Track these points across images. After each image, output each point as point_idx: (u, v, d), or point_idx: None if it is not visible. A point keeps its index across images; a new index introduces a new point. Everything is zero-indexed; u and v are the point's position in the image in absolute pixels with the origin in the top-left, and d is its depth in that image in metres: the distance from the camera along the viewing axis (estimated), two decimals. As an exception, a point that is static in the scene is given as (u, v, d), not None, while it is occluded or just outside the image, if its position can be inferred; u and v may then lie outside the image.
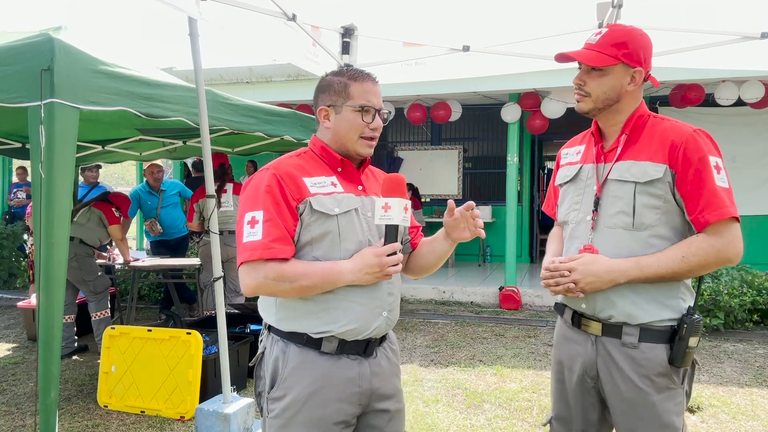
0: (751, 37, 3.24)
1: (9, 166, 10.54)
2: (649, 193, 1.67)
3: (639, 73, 1.73)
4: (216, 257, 3.38)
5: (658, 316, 1.69)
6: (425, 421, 3.69)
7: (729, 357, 5.07)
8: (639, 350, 1.69)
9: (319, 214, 1.58)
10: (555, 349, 1.95)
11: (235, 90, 6.83)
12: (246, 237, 1.54)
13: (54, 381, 2.35)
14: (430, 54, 3.90)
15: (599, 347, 1.76)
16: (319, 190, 1.60)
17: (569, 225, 1.86)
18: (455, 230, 1.72)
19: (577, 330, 1.83)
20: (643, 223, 1.68)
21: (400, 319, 6.49)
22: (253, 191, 1.59)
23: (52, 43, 2.32)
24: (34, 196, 2.37)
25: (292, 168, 1.61)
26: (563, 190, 1.93)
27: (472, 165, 10.41)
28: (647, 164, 1.68)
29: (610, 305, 1.72)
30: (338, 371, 1.60)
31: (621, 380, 1.71)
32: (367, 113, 1.64)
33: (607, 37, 1.72)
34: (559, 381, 1.91)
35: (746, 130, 8.09)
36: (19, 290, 8.39)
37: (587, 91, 1.75)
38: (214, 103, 3.44)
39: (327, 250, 1.59)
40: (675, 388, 1.70)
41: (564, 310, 1.89)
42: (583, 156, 1.88)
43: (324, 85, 1.69)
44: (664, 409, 1.68)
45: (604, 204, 1.75)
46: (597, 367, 1.77)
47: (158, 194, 6.43)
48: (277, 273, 1.51)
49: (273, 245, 1.51)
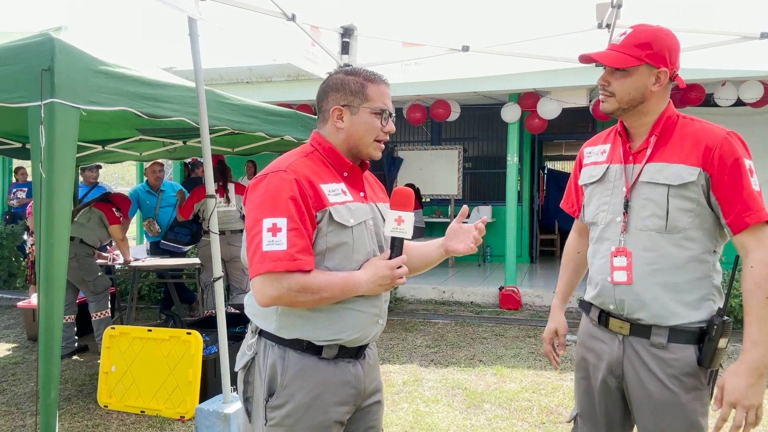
0: (751, 38, 3.24)
1: (9, 166, 10.54)
2: (682, 196, 1.67)
3: (664, 74, 1.71)
4: (216, 257, 3.38)
5: (689, 318, 1.68)
6: (425, 421, 3.69)
7: (729, 357, 5.07)
8: (668, 350, 1.68)
9: (336, 225, 1.55)
10: (579, 346, 1.95)
11: (235, 90, 6.82)
12: (267, 245, 1.46)
13: (54, 381, 2.35)
14: (430, 54, 3.90)
15: (626, 347, 1.76)
16: (336, 198, 1.57)
17: (598, 226, 1.85)
18: (453, 238, 1.73)
19: (604, 329, 1.82)
20: (677, 227, 1.67)
21: (400, 319, 6.49)
22: (272, 195, 1.50)
23: (53, 43, 2.32)
24: (35, 196, 2.38)
25: (309, 173, 1.56)
26: (589, 190, 1.91)
27: (472, 165, 10.42)
28: (680, 167, 1.67)
29: (640, 307, 1.71)
30: (337, 376, 1.60)
31: (649, 380, 1.70)
32: (384, 117, 1.63)
33: (631, 37, 1.71)
34: (584, 378, 1.91)
35: (746, 130, 8.04)
36: (19, 290, 8.39)
37: (611, 92, 1.74)
38: (215, 103, 3.44)
39: (340, 260, 1.57)
40: (702, 388, 1.69)
41: (590, 309, 1.89)
42: (609, 155, 1.86)
43: (337, 84, 1.63)
44: (691, 410, 1.68)
45: (635, 206, 1.74)
46: (623, 366, 1.76)
47: (157, 194, 6.44)
48: (301, 285, 1.47)
49: (299, 256, 1.46)
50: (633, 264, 1.73)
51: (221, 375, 3.37)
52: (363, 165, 1.72)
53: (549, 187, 12.40)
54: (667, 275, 1.69)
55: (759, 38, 3.19)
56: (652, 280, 1.70)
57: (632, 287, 1.72)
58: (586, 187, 1.94)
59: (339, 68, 1.76)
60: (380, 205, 1.73)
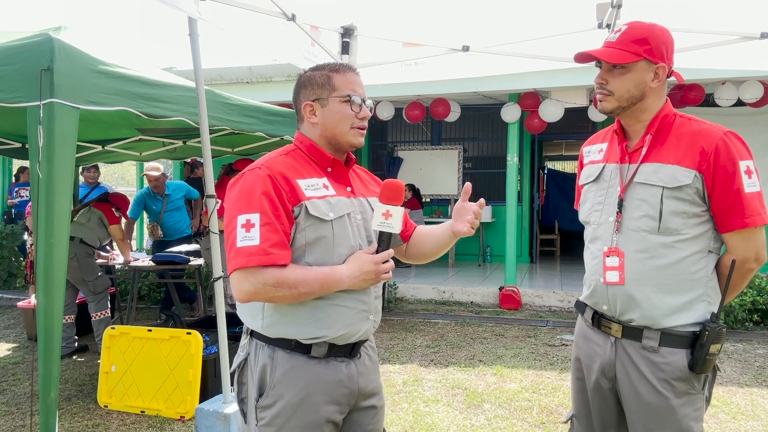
0: (751, 38, 3.24)
1: (9, 166, 10.54)
2: (676, 198, 1.64)
3: (662, 69, 1.69)
4: (216, 257, 3.37)
5: (681, 321, 1.66)
6: (425, 421, 3.69)
7: (729, 357, 5.07)
8: (659, 354, 1.67)
9: (314, 219, 1.54)
10: (575, 347, 1.95)
11: (235, 90, 6.83)
12: (241, 241, 1.47)
13: (54, 381, 2.35)
14: (430, 54, 3.89)
15: (618, 349, 1.75)
16: (314, 193, 1.57)
17: (591, 225, 1.84)
18: (458, 219, 1.70)
19: (597, 330, 1.82)
20: (669, 228, 1.66)
21: (400, 319, 6.49)
22: (246, 192, 1.52)
23: (52, 43, 2.32)
24: (33, 197, 2.37)
25: (284, 168, 1.56)
26: (586, 189, 1.91)
27: (472, 165, 10.42)
28: (675, 168, 1.65)
29: (632, 308, 1.70)
30: (327, 375, 1.58)
31: (640, 383, 1.69)
32: (354, 103, 1.62)
33: (627, 34, 1.69)
34: (579, 379, 1.90)
35: (746, 130, 8.06)
36: (19, 290, 8.39)
37: (610, 90, 1.71)
38: (215, 103, 3.44)
39: (321, 255, 1.56)
40: (695, 393, 1.68)
41: (585, 309, 1.88)
42: (606, 155, 1.85)
43: (304, 81, 1.66)
44: (683, 414, 1.66)
45: (629, 206, 1.72)
46: (615, 368, 1.76)
47: (163, 198, 6.42)
48: (276, 279, 1.46)
49: (272, 251, 1.46)
50: (625, 264, 1.71)
51: (221, 375, 3.37)
52: (349, 160, 1.71)
53: (549, 187, 12.40)
54: (659, 276, 1.67)
55: (759, 38, 3.19)
56: (644, 281, 1.68)
57: (624, 288, 1.71)
58: (584, 187, 1.93)
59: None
60: (371, 199, 1.72)
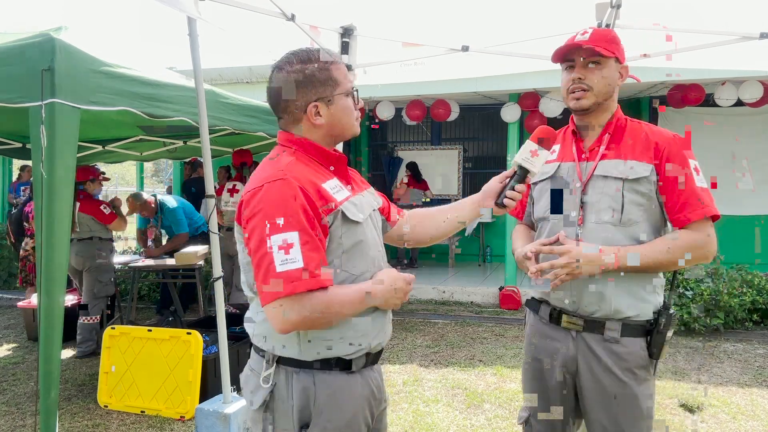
0: (751, 38, 3.24)
1: (9, 166, 10.54)
2: (635, 190, 1.73)
3: (625, 70, 1.79)
4: (216, 257, 3.38)
5: (639, 310, 1.74)
6: (425, 421, 3.69)
7: (729, 357, 5.07)
8: (620, 344, 1.74)
9: (350, 224, 1.43)
10: (529, 346, 1.94)
11: (235, 90, 6.81)
12: (281, 265, 1.30)
13: (54, 381, 2.35)
14: (430, 54, 3.90)
15: (579, 343, 1.79)
16: (341, 196, 1.44)
17: (549, 221, 1.86)
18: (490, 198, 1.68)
19: (556, 326, 1.84)
20: (630, 219, 1.73)
21: (400, 318, 6.49)
22: (276, 207, 1.34)
23: (53, 43, 2.33)
24: (36, 197, 2.37)
25: (309, 175, 1.41)
26: (539, 187, 1.93)
27: (472, 165, 10.41)
28: (634, 162, 1.74)
29: (596, 300, 1.74)
30: (365, 390, 1.51)
31: (603, 375, 1.74)
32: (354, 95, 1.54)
33: (598, 33, 1.76)
34: (535, 378, 1.91)
35: (746, 130, 8.09)
36: (19, 290, 8.37)
37: (589, 85, 1.74)
38: (215, 103, 3.45)
39: (358, 261, 1.45)
40: (650, 378, 1.77)
41: (540, 307, 1.91)
42: (560, 154, 1.90)
43: (302, 79, 1.45)
44: (643, 399, 1.74)
45: (591, 201, 1.78)
46: (577, 363, 1.79)
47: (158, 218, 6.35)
48: (325, 304, 1.33)
49: (318, 273, 1.32)
50: None
51: (221, 375, 3.38)
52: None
53: (549, 187, 12.39)
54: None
55: (759, 38, 3.20)
56: (609, 273, 1.72)
57: (590, 280, 1.74)
58: (535, 186, 1.95)
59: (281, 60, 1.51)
60: (367, 192, 1.64)
